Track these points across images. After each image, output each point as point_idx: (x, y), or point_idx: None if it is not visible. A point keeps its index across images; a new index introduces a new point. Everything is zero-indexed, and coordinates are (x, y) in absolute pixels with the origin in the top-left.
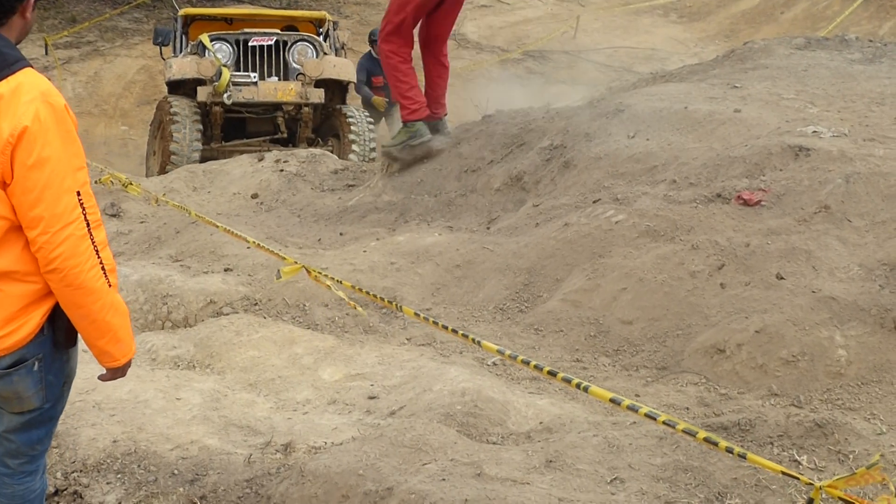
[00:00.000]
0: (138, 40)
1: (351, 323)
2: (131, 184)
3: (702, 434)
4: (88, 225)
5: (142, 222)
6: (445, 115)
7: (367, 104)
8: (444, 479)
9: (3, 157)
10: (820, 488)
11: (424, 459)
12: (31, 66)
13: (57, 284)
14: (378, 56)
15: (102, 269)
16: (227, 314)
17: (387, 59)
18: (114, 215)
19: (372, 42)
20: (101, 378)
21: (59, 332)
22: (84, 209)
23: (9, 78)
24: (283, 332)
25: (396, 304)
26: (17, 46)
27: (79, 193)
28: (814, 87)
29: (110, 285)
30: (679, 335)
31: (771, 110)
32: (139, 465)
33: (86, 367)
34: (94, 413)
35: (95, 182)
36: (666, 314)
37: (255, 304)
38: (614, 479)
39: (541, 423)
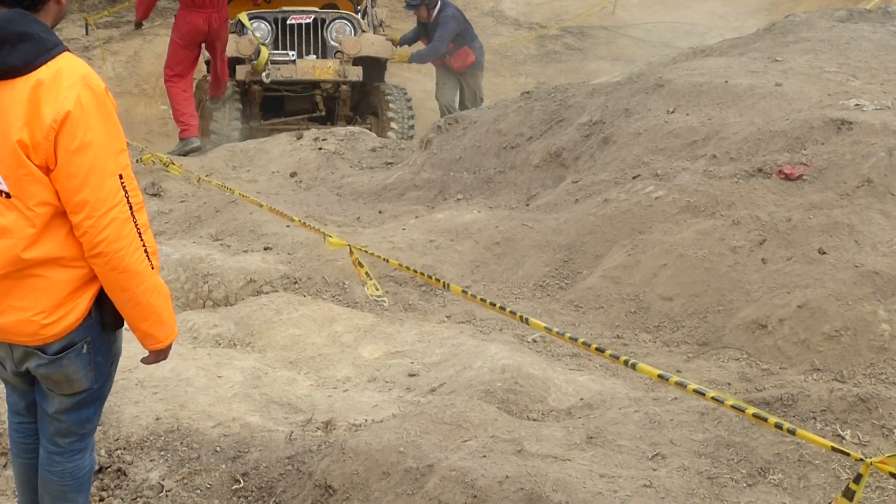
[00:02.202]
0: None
1: (391, 301)
2: (172, 163)
3: (750, 410)
4: (131, 208)
5: (182, 202)
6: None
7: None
8: (484, 456)
9: (46, 142)
10: (870, 464)
11: (465, 436)
12: (69, 50)
13: (102, 268)
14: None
15: (145, 251)
16: (267, 293)
17: (170, 90)
18: (154, 195)
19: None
20: (144, 361)
21: (106, 315)
22: (126, 192)
23: (48, 63)
24: (322, 311)
25: (444, 283)
26: (57, 28)
27: (121, 176)
28: (856, 60)
29: (153, 267)
30: (720, 311)
31: (812, 84)
32: (182, 443)
33: (128, 345)
34: (137, 391)
35: (136, 161)
36: (707, 290)
37: (295, 282)
38: (656, 454)
39: (581, 399)
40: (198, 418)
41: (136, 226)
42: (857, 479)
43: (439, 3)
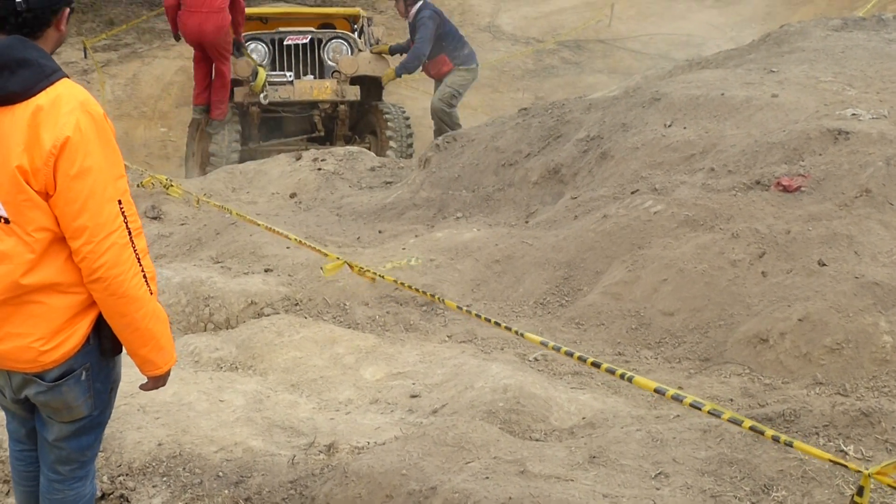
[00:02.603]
0: (175, 41)
1: (392, 321)
2: (172, 185)
3: (748, 423)
4: (130, 233)
5: (182, 224)
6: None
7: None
8: (487, 478)
9: (45, 168)
10: (869, 475)
11: (467, 458)
12: (68, 77)
13: (101, 294)
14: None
15: (144, 276)
16: (269, 315)
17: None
18: (155, 218)
19: None
20: (143, 387)
21: (105, 341)
22: (125, 217)
23: (48, 89)
24: (324, 332)
25: (440, 298)
26: (56, 52)
27: (120, 202)
28: (851, 69)
29: (151, 293)
30: (721, 325)
31: (808, 94)
32: (184, 468)
33: (130, 370)
34: (139, 416)
35: (137, 185)
36: (707, 304)
37: (296, 304)
38: (659, 473)
39: (584, 418)
40: (200, 443)
41: (134, 251)
42: (860, 491)
43: (419, 2)
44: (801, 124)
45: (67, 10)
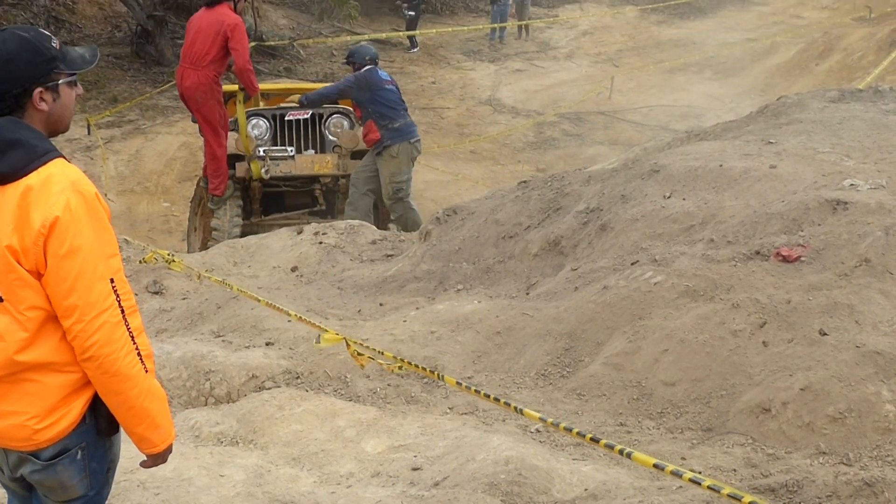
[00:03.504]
0: (178, 117)
1: (393, 394)
2: (174, 260)
3: (747, 498)
4: (123, 312)
5: (184, 299)
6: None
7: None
8: None
9: (35, 247)
10: None
11: None
12: (63, 157)
13: (94, 372)
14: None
15: (139, 355)
16: (269, 388)
17: None
18: (156, 292)
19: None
20: (143, 465)
21: (101, 420)
22: (118, 296)
23: (39, 169)
24: (325, 405)
25: (438, 374)
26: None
27: (112, 280)
28: (849, 140)
29: (147, 371)
30: (723, 395)
31: (807, 165)
32: None
33: (130, 445)
34: (139, 493)
35: (140, 262)
36: (709, 374)
37: (297, 377)
38: None
39: (586, 489)
40: None
41: (128, 329)
42: None
43: (367, 66)
44: (800, 195)
45: (40, 90)
